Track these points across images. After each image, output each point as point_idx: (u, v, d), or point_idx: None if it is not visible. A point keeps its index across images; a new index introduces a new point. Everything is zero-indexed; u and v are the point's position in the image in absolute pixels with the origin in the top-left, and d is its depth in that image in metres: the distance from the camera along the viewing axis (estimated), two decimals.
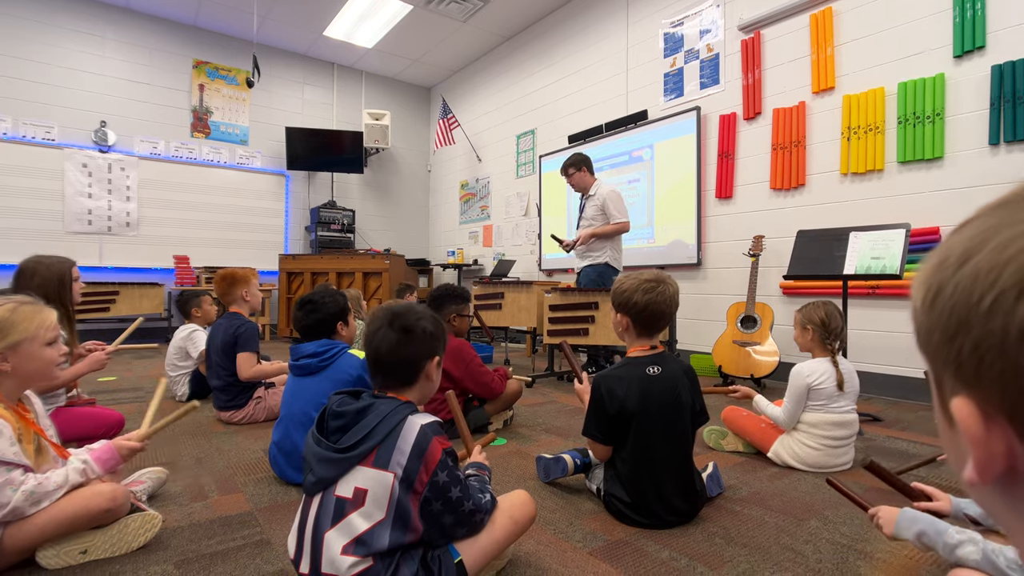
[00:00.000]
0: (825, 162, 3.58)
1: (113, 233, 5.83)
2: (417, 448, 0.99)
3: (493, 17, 5.97)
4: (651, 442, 1.50)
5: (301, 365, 1.84)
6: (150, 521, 1.37)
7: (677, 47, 4.64)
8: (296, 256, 5.96)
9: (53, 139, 5.54)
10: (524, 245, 6.34)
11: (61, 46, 5.60)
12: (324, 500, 0.98)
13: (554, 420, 2.72)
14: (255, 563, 1.30)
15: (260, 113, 6.77)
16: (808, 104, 3.67)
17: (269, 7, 5.86)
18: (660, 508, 1.49)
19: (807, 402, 2.00)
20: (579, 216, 3.99)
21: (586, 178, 3.91)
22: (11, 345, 1.25)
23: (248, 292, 2.77)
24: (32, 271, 2.03)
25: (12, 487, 1.17)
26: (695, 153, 4.40)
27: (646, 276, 1.57)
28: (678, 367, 1.56)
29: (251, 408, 2.58)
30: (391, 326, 1.09)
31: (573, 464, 1.75)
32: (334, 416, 1.03)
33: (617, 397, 1.49)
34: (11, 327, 1.26)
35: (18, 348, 1.26)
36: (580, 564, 1.31)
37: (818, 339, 2.04)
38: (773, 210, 3.89)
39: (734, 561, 1.33)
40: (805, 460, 1.98)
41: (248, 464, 2.01)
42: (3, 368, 1.25)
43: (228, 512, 1.59)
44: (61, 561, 1.25)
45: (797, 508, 1.65)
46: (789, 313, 3.73)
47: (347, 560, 0.93)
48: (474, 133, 7.10)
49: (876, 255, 2.58)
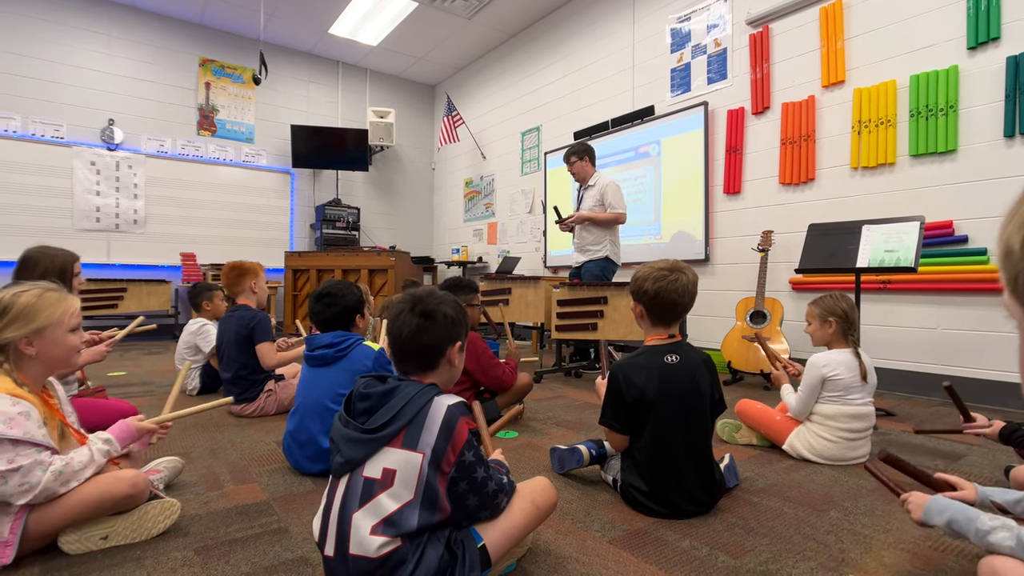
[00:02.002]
0: (835, 156, 3.56)
1: (121, 230, 5.85)
2: (445, 428, 0.98)
3: (498, 14, 5.97)
4: (670, 431, 1.49)
5: (316, 356, 1.83)
6: (169, 508, 1.37)
7: (684, 42, 4.62)
8: (302, 253, 5.96)
9: (62, 137, 5.56)
10: (529, 242, 6.33)
11: (69, 44, 5.62)
12: (351, 481, 0.98)
13: (565, 414, 2.71)
14: (274, 550, 1.29)
15: (266, 111, 6.78)
16: (818, 98, 3.66)
17: (275, 5, 5.86)
18: (679, 498, 1.48)
19: (823, 393, 1.99)
20: (577, 206, 4.02)
21: (587, 168, 3.96)
22: (36, 330, 1.26)
23: (256, 284, 2.77)
24: (35, 261, 2.03)
25: (42, 467, 1.17)
26: (703, 148, 4.39)
27: (660, 265, 1.56)
28: (696, 356, 1.55)
29: (262, 401, 2.58)
30: (412, 311, 1.09)
31: (589, 455, 1.74)
32: (361, 398, 1.03)
33: (635, 385, 1.48)
34: (37, 313, 1.26)
35: (43, 333, 1.27)
36: (600, 553, 1.30)
37: (840, 331, 2.03)
38: (782, 205, 3.88)
39: (756, 550, 1.32)
40: (821, 453, 1.97)
41: (261, 455, 2.01)
42: (28, 352, 1.26)
43: (244, 501, 1.59)
44: (83, 546, 1.25)
45: (816, 499, 1.64)
46: (799, 308, 3.72)
47: (376, 540, 0.92)
48: (478, 130, 7.10)
49: (890, 248, 2.57)
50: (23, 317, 1.25)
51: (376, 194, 7.67)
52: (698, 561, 1.27)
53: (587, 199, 3.91)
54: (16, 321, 1.25)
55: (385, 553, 0.92)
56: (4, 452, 1.15)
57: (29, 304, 1.27)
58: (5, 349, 1.25)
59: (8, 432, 1.15)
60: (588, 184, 3.95)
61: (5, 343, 1.24)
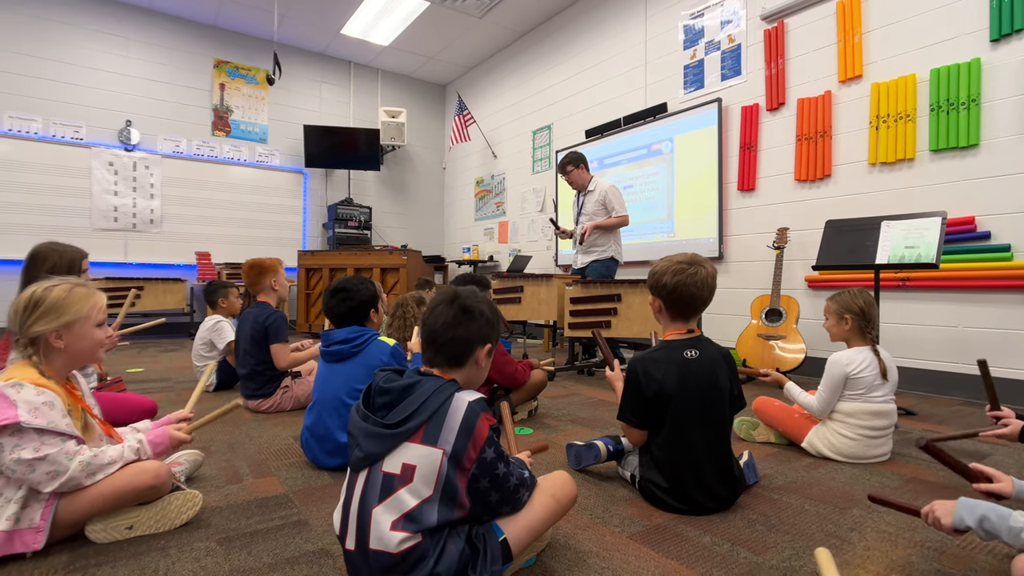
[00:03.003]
0: (852, 152, 3.52)
1: (138, 230, 5.93)
2: (465, 425, 0.98)
3: (509, 12, 5.97)
4: (689, 426, 1.47)
5: (333, 351, 1.84)
6: (191, 500, 1.38)
7: (697, 39, 4.59)
8: (315, 252, 6.00)
9: (81, 138, 5.65)
10: (540, 241, 6.32)
11: (88, 47, 5.71)
12: (371, 476, 0.98)
13: (579, 411, 2.70)
14: (295, 542, 1.30)
15: (279, 111, 6.83)
16: (834, 93, 3.61)
17: (288, 6, 5.91)
18: (699, 494, 1.47)
19: (844, 391, 1.96)
20: (578, 212, 4.12)
21: (584, 175, 4.09)
22: (65, 324, 1.28)
23: (276, 281, 2.79)
24: (44, 256, 2.06)
25: (67, 456, 1.19)
26: (716, 145, 4.35)
27: (678, 258, 1.55)
28: (716, 351, 1.53)
29: (278, 397, 2.59)
30: (451, 304, 1.09)
31: (606, 451, 1.73)
32: (380, 392, 1.03)
33: (655, 380, 1.47)
34: (66, 307, 1.28)
35: (71, 327, 1.29)
36: (620, 548, 1.30)
37: (857, 328, 2.00)
38: (798, 202, 3.83)
39: (778, 547, 1.31)
40: (841, 451, 1.94)
41: (279, 450, 2.03)
42: (57, 345, 1.28)
43: (264, 494, 1.60)
44: (109, 536, 1.27)
45: (837, 497, 1.62)
46: (815, 306, 3.68)
47: (396, 536, 0.92)
48: (489, 129, 7.10)
49: (910, 244, 2.53)
50: (53, 311, 1.27)
51: (387, 193, 7.70)
52: (720, 557, 1.26)
53: (588, 204, 4.05)
54: (47, 315, 1.27)
55: (405, 549, 0.92)
56: (30, 441, 1.17)
57: (59, 299, 1.29)
58: (36, 342, 1.27)
59: (33, 421, 1.16)
60: (588, 190, 4.08)
61: (36, 336, 1.26)
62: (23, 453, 1.14)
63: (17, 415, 1.14)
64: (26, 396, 1.18)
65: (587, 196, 4.04)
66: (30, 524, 1.19)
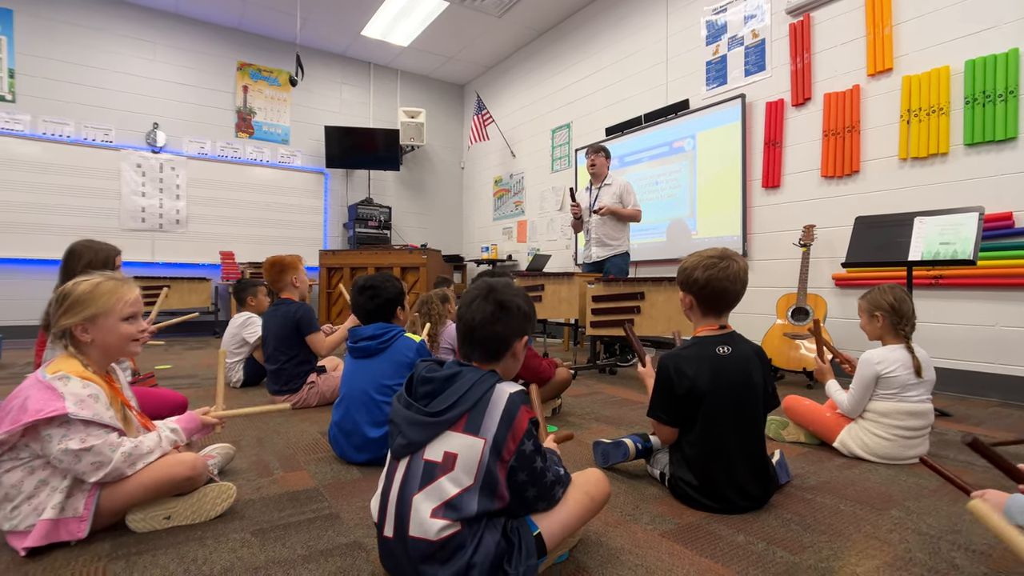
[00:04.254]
0: (882, 147, 3.43)
1: (164, 230, 6.06)
2: (506, 416, 0.98)
3: (528, 11, 5.96)
4: (721, 424, 1.45)
5: (360, 347, 1.86)
6: (226, 492, 1.40)
7: (720, 34, 4.53)
8: (336, 252, 6.06)
9: (111, 141, 5.79)
10: (559, 240, 6.30)
11: (117, 52, 5.85)
12: (412, 464, 0.98)
13: (603, 410, 2.68)
14: (328, 534, 1.31)
15: (300, 113, 6.92)
16: (863, 87, 3.53)
17: (309, 8, 5.99)
18: (731, 492, 1.45)
19: (877, 391, 1.91)
20: (593, 204, 4.17)
21: (606, 166, 4.21)
22: (89, 318, 1.30)
23: (297, 278, 2.83)
24: (80, 254, 2.13)
25: (111, 447, 1.22)
26: (740, 142, 4.29)
27: (709, 252, 1.53)
28: (749, 348, 1.51)
29: (304, 393, 2.63)
30: (487, 299, 1.09)
31: (635, 448, 1.71)
32: (423, 381, 1.03)
33: (686, 376, 1.45)
34: (91, 301, 1.31)
35: (96, 321, 1.31)
36: (653, 545, 1.28)
37: (889, 326, 1.95)
38: (824, 199, 3.76)
39: (815, 547, 1.28)
40: (875, 451, 1.89)
41: (307, 445, 2.05)
42: (84, 339, 1.31)
43: (295, 488, 1.62)
44: (148, 525, 1.29)
45: (874, 498, 1.58)
46: (843, 305, 3.60)
47: (436, 523, 0.92)
48: (508, 129, 7.10)
49: (945, 240, 2.46)
50: (78, 305, 1.30)
51: (407, 193, 7.75)
52: (755, 556, 1.24)
53: (604, 196, 4.13)
54: (72, 309, 1.30)
55: (445, 536, 0.92)
56: (76, 432, 1.20)
57: (85, 293, 1.32)
58: (65, 335, 1.30)
59: (80, 413, 1.19)
60: (605, 183, 4.17)
61: (63, 329, 1.29)
62: (70, 444, 1.17)
63: (65, 407, 1.17)
64: (73, 388, 1.21)
65: (603, 188, 4.14)
66: (74, 513, 1.21)
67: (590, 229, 4.17)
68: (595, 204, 4.12)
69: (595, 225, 4.11)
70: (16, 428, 1.15)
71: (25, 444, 1.19)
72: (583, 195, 4.29)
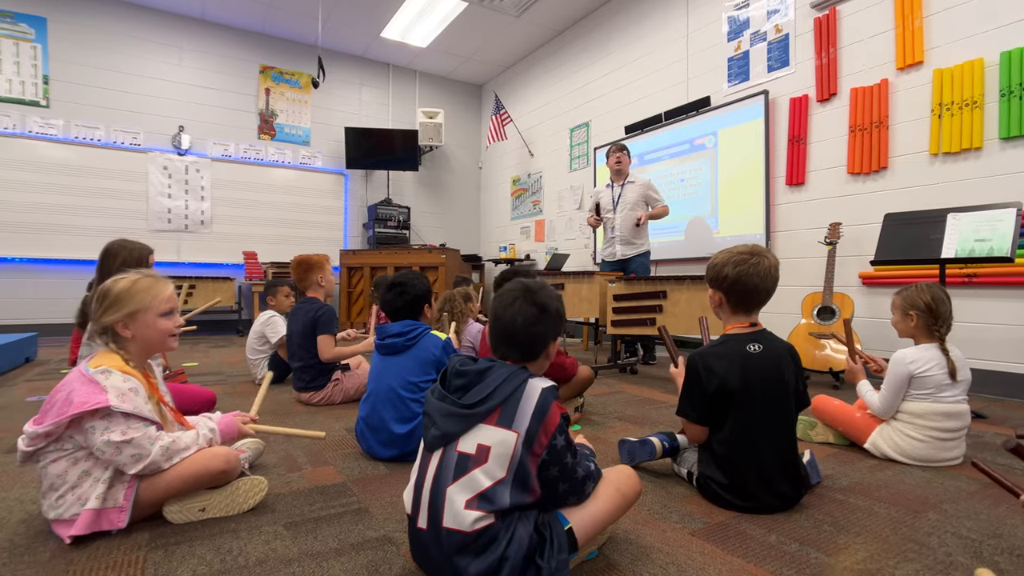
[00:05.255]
0: (912, 142, 3.35)
1: (189, 231, 6.19)
2: (539, 410, 0.98)
3: (547, 10, 5.95)
4: (752, 422, 1.43)
5: (387, 344, 1.87)
6: (258, 485, 1.43)
7: (742, 30, 4.47)
8: (356, 251, 6.13)
9: (139, 144, 5.94)
10: (578, 239, 6.28)
11: (146, 57, 6.00)
12: (445, 455, 0.99)
13: (625, 409, 2.66)
14: (358, 528, 1.33)
15: (321, 115, 7.01)
16: (891, 81, 3.45)
17: (330, 11, 6.06)
18: (762, 492, 1.43)
19: (910, 391, 1.87)
20: (617, 201, 4.16)
21: (629, 164, 4.23)
22: (129, 314, 1.34)
23: (323, 277, 2.86)
24: (115, 253, 2.22)
25: (150, 440, 1.25)
26: (763, 139, 4.23)
27: (739, 249, 1.51)
28: (781, 346, 1.49)
29: (329, 390, 2.66)
30: (527, 300, 1.09)
31: (662, 447, 1.70)
32: (457, 375, 1.04)
33: (716, 374, 1.43)
34: (129, 298, 1.34)
35: (136, 317, 1.35)
36: (683, 544, 1.27)
37: (923, 325, 1.90)
38: (851, 196, 3.69)
39: (850, 548, 1.26)
40: (908, 453, 1.85)
41: (333, 441, 2.07)
42: (125, 335, 1.35)
43: (323, 483, 1.64)
44: (184, 517, 1.32)
45: (909, 500, 1.54)
46: (870, 304, 3.53)
47: (471, 515, 0.93)
48: (526, 128, 7.10)
49: (981, 237, 2.39)
50: (118, 303, 1.34)
51: (425, 193, 7.80)
52: (788, 556, 1.22)
53: (629, 193, 4.13)
54: (113, 306, 1.33)
55: (479, 528, 0.93)
56: (117, 424, 1.23)
57: (124, 290, 1.35)
58: (107, 331, 1.34)
59: (121, 406, 1.23)
60: (628, 180, 4.17)
61: (106, 326, 1.33)
62: (112, 436, 1.21)
63: (107, 400, 1.20)
64: (114, 382, 1.24)
65: (627, 186, 4.14)
66: (115, 504, 1.25)
67: (614, 226, 4.15)
68: (619, 201, 4.12)
69: (620, 224, 4.10)
70: (62, 419, 1.19)
71: (70, 436, 1.23)
72: (605, 192, 4.27)
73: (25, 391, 2.95)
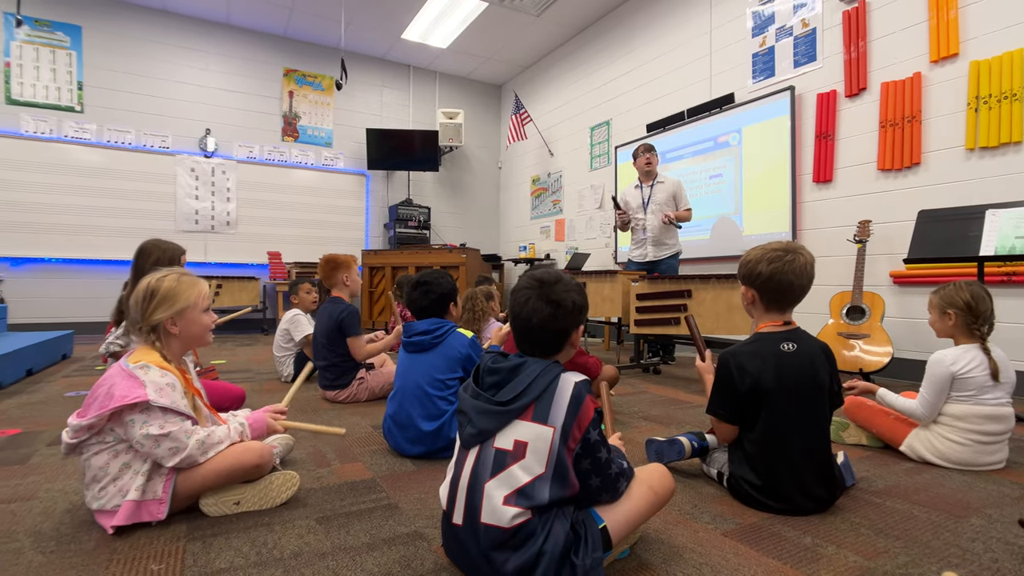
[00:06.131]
0: (946, 137, 3.26)
1: (216, 231, 6.32)
2: (573, 404, 0.98)
3: (567, 9, 5.93)
4: (786, 422, 1.40)
5: (415, 342, 1.89)
6: (290, 480, 1.45)
7: (767, 25, 4.40)
8: (377, 251, 6.19)
9: (167, 147, 6.09)
10: (599, 238, 6.25)
11: (174, 62, 6.15)
12: (482, 452, 0.99)
13: (650, 409, 2.64)
14: (389, 524, 1.34)
15: (343, 116, 7.10)
16: (925, 75, 3.36)
17: (352, 14, 6.13)
18: (795, 493, 1.40)
19: (951, 392, 1.81)
20: (646, 202, 4.12)
21: (657, 164, 4.20)
22: (179, 311, 1.37)
23: (348, 277, 2.89)
24: (149, 251, 2.30)
25: (187, 434, 1.28)
26: (789, 136, 4.15)
27: (773, 245, 1.48)
28: (816, 345, 1.46)
29: (354, 388, 2.69)
30: (540, 298, 1.08)
31: (691, 447, 1.67)
32: (489, 372, 1.04)
33: (749, 373, 1.41)
34: (177, 295, 1.38)
35: (184, 314, 1.38)
36: (716, 544, 1.25)
37: (962, 324, 1.85)
38: (881, 193, 3.59)
39: (890, 552, 1.22)
40: (948, 456, 1.80)
41: (360, 438, 2.10)
42: (173, 331, 1.38)
43: (353, 478, 1.65)
44: (219, 509, 1.35)
45: (951, 504, 1.50)
46: (902, 304, 3.44)
47: (509, 511, 0.93)
48: (546, 128, 7.09)
49: (1022, 234, 2.31)
50: (168, 300, 1.37)
51: (445, 193, 7.84)
52: (825, 559, 1.19)
53: (658, 194, 4.08)
54: (163, 304, 1.37)
55: (517, 524, 0.93)
56: (155, 418, 1.26)
57: (171, 288, 1.39)
58: (156, 329, 1.37)
59: (159, 400, 1.26)
60: (657, 180, 4.12)
61: (156, 324, 1.36)
62: (150, 429, 1.24)
63: (146, 394, 1.23)
64: (153, 377, 1.27)
65: (656, 187, 4.09)
66: (154, 495, 1.28)
67: (645, 228, 4.09)
68: (648, 201, 4.08)
69: (652, 225, 4.05)
70: (104, 412, 1.22)
71: (111, 429, 1.27)
72: (633, 193, 4.21)
73: (63, 387, 3.04)
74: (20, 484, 1.58)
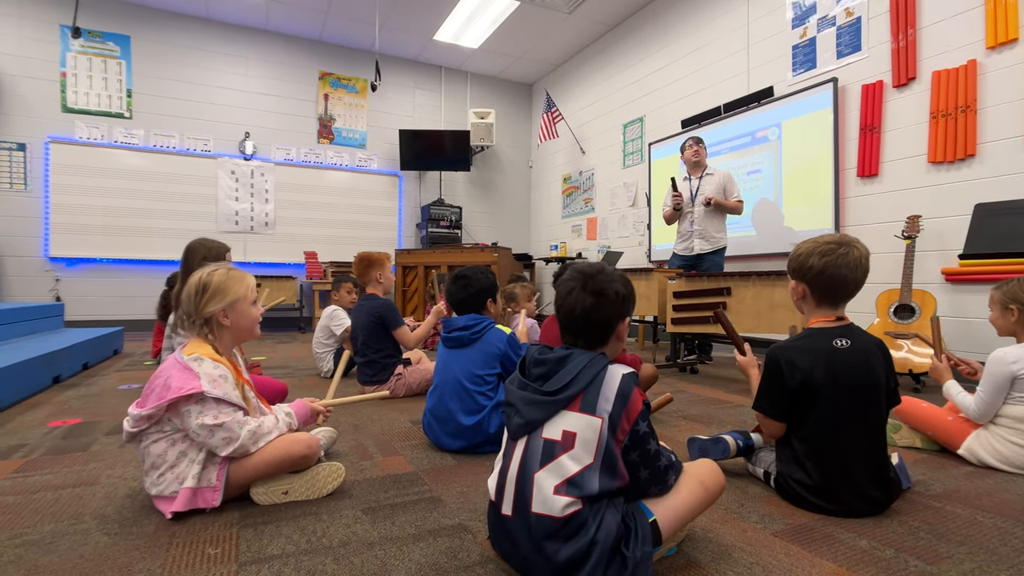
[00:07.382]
0: (1005, 127, 3.09)
1: (255, 232, 6.52)
2: (621, 395, 0.97)
3: (598, 6, 5.89)
4: (839, 421, 1.36)
5: (453, 337, 1.90)
6: (336, 471, 1.48)
7: (808, 15, 4.27)
8: (410, 251, 6.27)
9: (209, 150, 6.31)
10: (632, 236, 6.18)
11: (216, 68, 6.37)
12: (531, 442, 1.00)
13: (689, 408, 2.59)
14: (433, 516, 1.35)
15: (376, 118, 7.22)
16: (980, 62, 3.20)
17: (385, 16, 6.23)
18: (848, 494, 1.35)
19: (1012, 393, 1.72)
20: (694, 194, 4.04)
21: (706, 156, 4.14)
22: (230, 304, 1.42)
23: (382, 274, 2.94)
24: (196, 250, 2.41)
25: (239, 425, 1.32)
26: (831, 129, 4.02)
27: (826, 238, 1.43)
28: (870, 341, 1.40)
29: (392, 384, 2.73)
30: (584, 289, 1.08)
31: (735, 445, 1.64)
32: (536, 363, 1.04)
33: (799, 369, 1.37)
34: (228, 289, 1.42)
35: (235, 306, 1.43)
36: (766, 544, 1.22)
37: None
38: (931, 186, 3.44)
39: (954, 558, 1.17)
40: (1012, 461, 1.71)
41: (400, 432, 2.12)
42: (225, 324, 1.43)
43: (395, 471, 1.68)
44: (269, 499, 1.39)
45: (1017, 511, 1.42)
46: (954, 303, 3.29)
47: (561, 500, 0.93)
48: (577, 126, 7.05)
49: None
50: (219, 293, 1.42)
51: (476, 193, 7.89)
52: (884, 563, 1.15)
53: (707, 186, 4.00)
54: (215, 297, 1.41)
55: (569, 514, 0.93)
56: (209, 409, 1.30)
57: (222, 282, 1.43)
58: (209, 322, 1.42)
59: (212, 391, 1.30)
60: (706, 172, 4.04)
61: (209, 316, 1.41)
62: (205, 419, 1.28)
63: (201, 385, 1.28)
64: (206, 369, 1.32)
65: (705, 178, 4.04)
66: (208, 483, 1.32)
67: (692, 221, 4.01)
68: (697, 194, 4.00)
69: (699, 217, 3.97)
70: (162, 403, 1.27)
71: (168, 418, 1.32)
72: (681, 185, 4.14)
73: (117, 380, 3.19)
74: (83, 470, 1.66)
